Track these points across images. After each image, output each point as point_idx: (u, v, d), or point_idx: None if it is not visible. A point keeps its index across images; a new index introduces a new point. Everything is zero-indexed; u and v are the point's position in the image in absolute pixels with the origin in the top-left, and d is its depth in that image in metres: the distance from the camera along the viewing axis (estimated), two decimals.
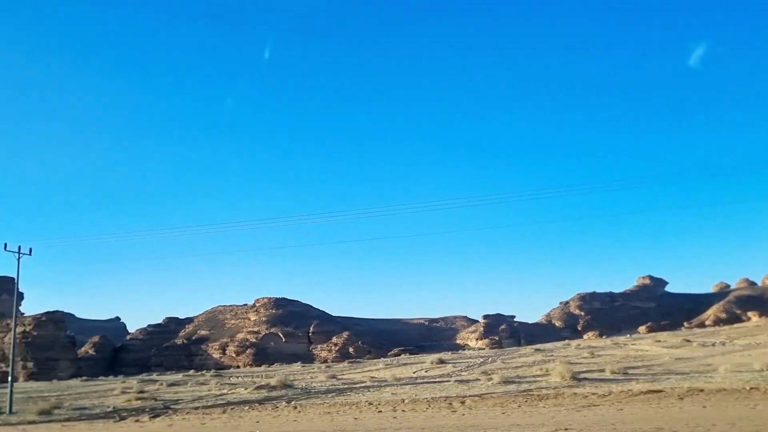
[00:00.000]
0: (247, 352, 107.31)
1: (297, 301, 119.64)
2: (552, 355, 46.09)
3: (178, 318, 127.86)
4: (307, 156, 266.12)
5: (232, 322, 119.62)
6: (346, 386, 36.30)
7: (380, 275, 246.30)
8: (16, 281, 34.15)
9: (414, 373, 39.00)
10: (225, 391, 38.83)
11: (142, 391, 40.76)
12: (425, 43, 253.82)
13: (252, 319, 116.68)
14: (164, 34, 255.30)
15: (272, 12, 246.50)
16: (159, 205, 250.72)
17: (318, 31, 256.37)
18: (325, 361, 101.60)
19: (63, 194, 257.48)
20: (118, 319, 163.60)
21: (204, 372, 74.98)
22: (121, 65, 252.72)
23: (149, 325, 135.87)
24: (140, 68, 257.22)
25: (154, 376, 67.72)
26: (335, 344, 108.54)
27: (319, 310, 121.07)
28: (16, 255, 34.36)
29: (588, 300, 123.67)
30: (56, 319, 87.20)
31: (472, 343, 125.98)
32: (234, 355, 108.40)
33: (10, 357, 36.33)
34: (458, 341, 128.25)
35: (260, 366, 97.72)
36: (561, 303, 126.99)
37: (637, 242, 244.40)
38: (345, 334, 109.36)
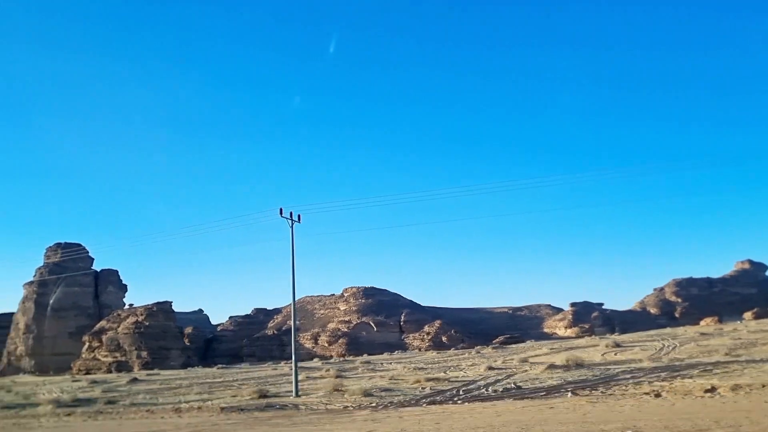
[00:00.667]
0: (340, 341, 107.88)
1: (385, 290, 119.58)
2: (739, 339, 43.33)
3: (266, 309, 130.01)
4: (373, 145, 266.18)
5: (321, 312, 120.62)
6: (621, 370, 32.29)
7: (460, 264, 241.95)
8: (291, 248, 33.92)
9: (603, 356, 37.46)
10: (511, 371, 35.73)
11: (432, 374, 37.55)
12: (500, 34, 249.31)
13: (342, 308, 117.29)
14: (230, 30, 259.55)
15: (335, 5, 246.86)
16: (230, 198, 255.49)
17: (382, 24, 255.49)
18: (419, 350, 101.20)
19: (136, 189, 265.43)
20: (201, 311, 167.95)
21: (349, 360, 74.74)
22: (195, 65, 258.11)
23: (231, 317, 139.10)
24: (210, 66, 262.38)
25: (317, 364, 67.19)
26: (427, 333, 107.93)
27: (408, 299, 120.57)
28: (289, 222, 34.54)
29: (685, 286, 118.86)
30: (166, 309, 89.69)
31: (560, 332, 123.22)
32: (326, 345, 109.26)
33: (296, 341, 35.98)
34: (545, 330, 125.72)
35: (353, 356, 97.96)
36: (655, 289, 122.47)
37: (732, 225, 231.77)
38: (437, 323, 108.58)
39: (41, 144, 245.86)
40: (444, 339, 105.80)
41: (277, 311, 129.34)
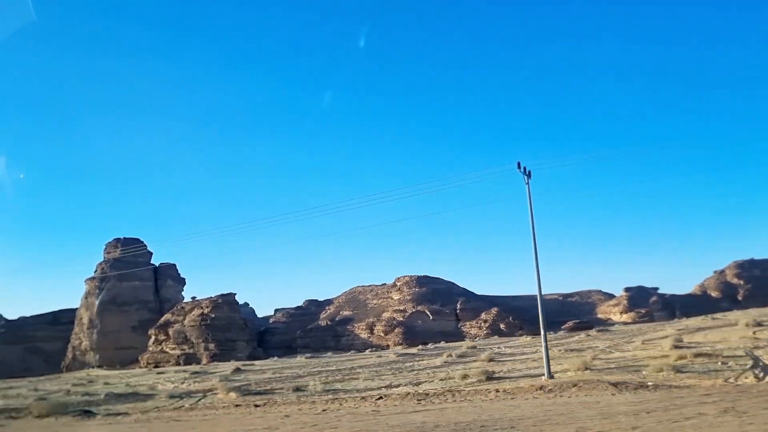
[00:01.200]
0: (396, 331, 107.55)
1: (439, 278, 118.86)
2: None
3: (317, 300, 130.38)
4: (407, 136, 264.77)
5: (374, 302, 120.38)
6: None
7: (505, 251, 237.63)
8: (528, 203, 30.53)
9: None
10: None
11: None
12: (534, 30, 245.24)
13: (395, 298, 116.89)
14: (257, 27, 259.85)
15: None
16: (270, 198, 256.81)
17: (411, 17, 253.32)
18: (476, 338, 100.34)
19: (184, 185, 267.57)
20: (246, 304, 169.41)
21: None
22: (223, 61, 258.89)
23: (277, 309, 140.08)
24: (242, 63, 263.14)
25: (413, 350, 66.35)
26: (484, 321, 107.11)
27: (461, 287, 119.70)
28: (525, 177, 30.59)
29: (747, 268, 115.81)
30: (230, 301, 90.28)
31: (615, 317, 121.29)
32: (382, 334, 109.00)
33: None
34: (599, 315, 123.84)
35: (409, 345, 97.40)
36: (715, 272, 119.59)
37: None
38: (494, 311, 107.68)
39: (97, 142, 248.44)
40: (502, 326, 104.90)
41: (328, 302, 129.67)
